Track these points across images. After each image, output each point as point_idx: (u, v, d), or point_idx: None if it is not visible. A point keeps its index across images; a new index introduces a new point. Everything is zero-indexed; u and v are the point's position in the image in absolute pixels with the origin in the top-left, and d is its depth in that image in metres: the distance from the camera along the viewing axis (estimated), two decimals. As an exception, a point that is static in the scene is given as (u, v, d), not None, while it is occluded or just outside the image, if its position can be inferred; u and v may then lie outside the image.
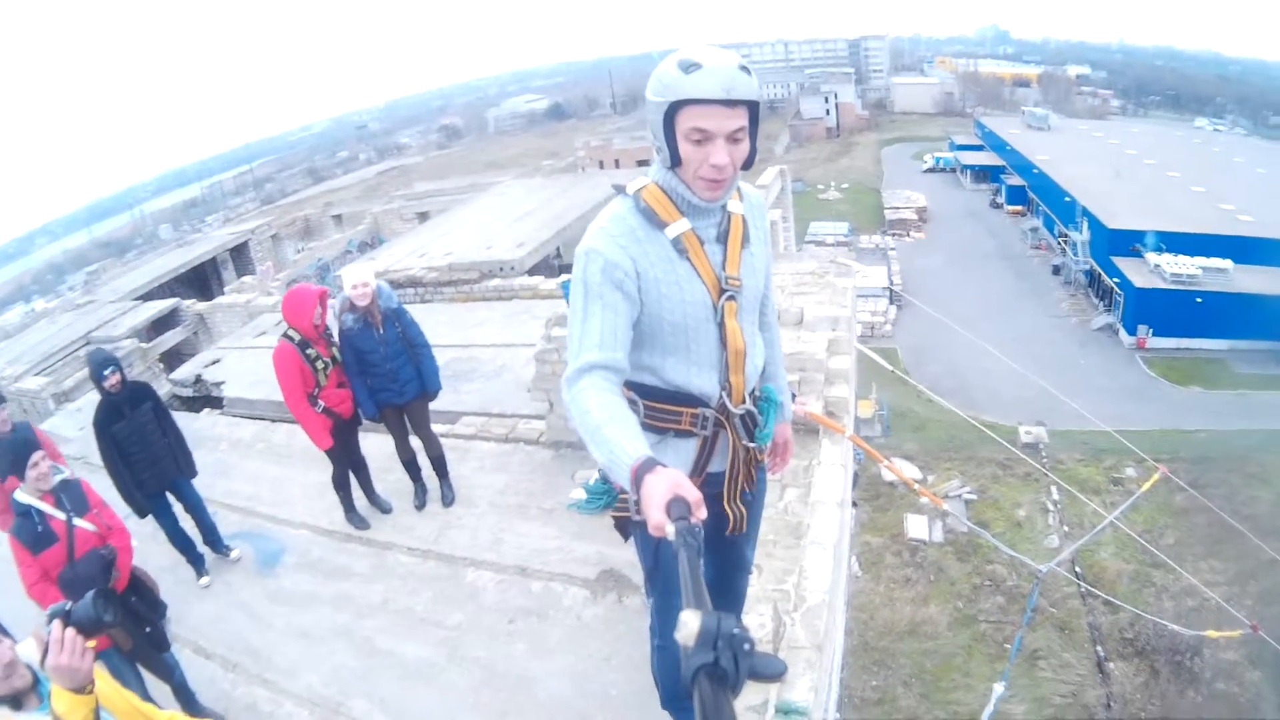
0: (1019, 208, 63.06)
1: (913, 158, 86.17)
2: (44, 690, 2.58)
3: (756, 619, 3.90)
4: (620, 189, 2.59)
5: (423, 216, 30.97)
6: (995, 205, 66.89)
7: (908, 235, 61.42)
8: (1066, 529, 25.71)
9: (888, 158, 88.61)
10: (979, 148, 78.65)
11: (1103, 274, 44.40)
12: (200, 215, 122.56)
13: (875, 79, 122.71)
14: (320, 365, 6.16)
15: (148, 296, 22.44)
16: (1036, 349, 38.81)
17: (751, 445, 2.79)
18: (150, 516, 6.40)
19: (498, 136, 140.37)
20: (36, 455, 4.61)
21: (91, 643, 2.47)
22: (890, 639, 22.90)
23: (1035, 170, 59.20)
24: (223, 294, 21.75)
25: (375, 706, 4.87)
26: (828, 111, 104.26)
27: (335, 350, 6.27)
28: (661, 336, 2.56)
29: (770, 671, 3.40)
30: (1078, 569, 24.24)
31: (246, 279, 24.57)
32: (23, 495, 4.61)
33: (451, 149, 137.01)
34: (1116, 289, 42.37)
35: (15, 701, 2.55)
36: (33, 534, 4.54)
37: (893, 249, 57.37)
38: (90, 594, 2.49)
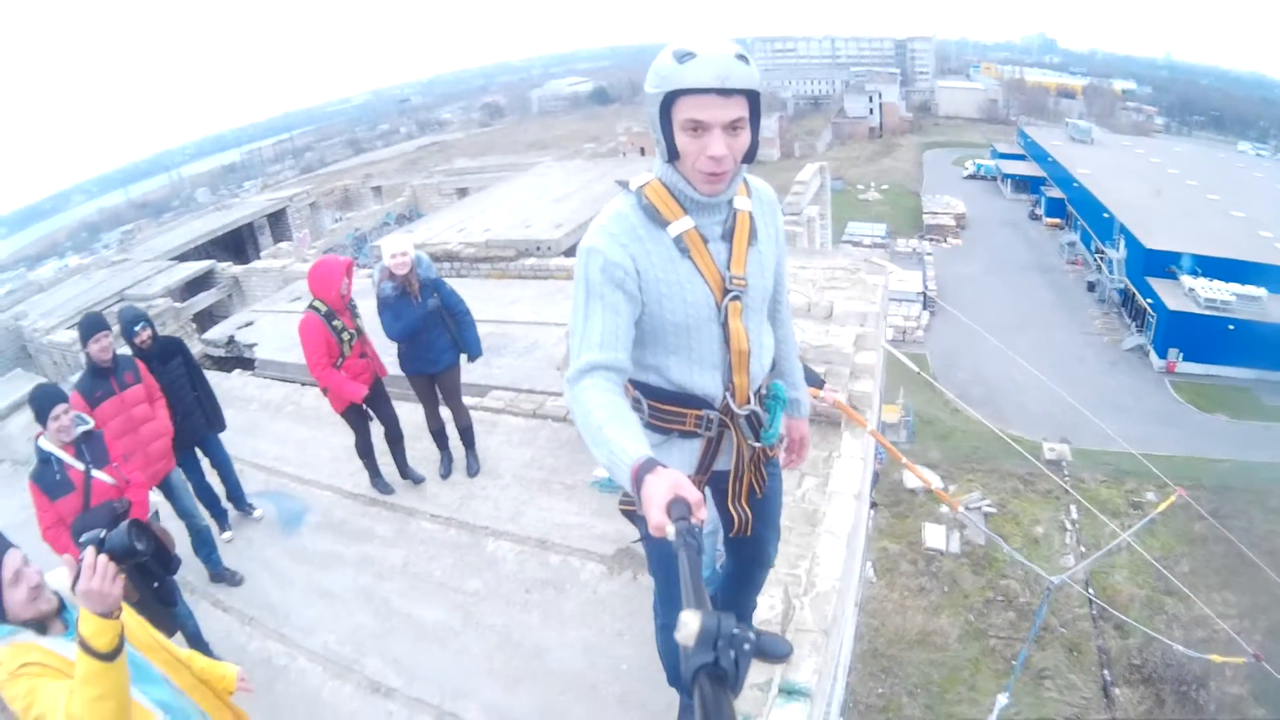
0: (1057, 220, 62.27)
1: (954, 163, 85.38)
2: (69, 618, 2.63)
3: (767, 600, 3.92)
4: (624, 185, 2.56)
5: (462, 192, 31.06)
6: (1034, 216, 66.16)
7: (945, 241, 60.86)
8: (1083, 549, 25.53)
9: (929, 161, 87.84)
10: (1020, 157, 77.71)
11: (1137, 294, 43.84)
12: (238, 180, 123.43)
13: (920, 80, 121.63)
14: (345, 336, 6.18)
15: (183, 258, 22.62)
16: (1066, 365, 38.52)
17: (757, 445, 2.77)
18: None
19: (540, 117, 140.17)
20: (59, 408, 4.74)
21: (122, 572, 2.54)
22: (899, 647, 22.85)
23: (1075, 184, 58.33)
24: (258, 259, 21.94)
25: (389, 665, 4.96)
26: (871, 111, 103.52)
27: (360, 321, 6.29)
28: (664, 336, 2.54)
29: (777, 652, 3.47)
30: (1090, 590, 24.13)
31: (283, 245, 24.68)
32: (45, 443, 4.74)
33: (493, 127, 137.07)
34: (1149, 310, 41.84)
35: (40, 626, 2.59)
36: (50, 481, 4.70)
37: (929, 254, 56.89)
38: (125, 523, 2.52)
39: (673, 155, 2.35)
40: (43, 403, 4.75)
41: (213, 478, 6.71)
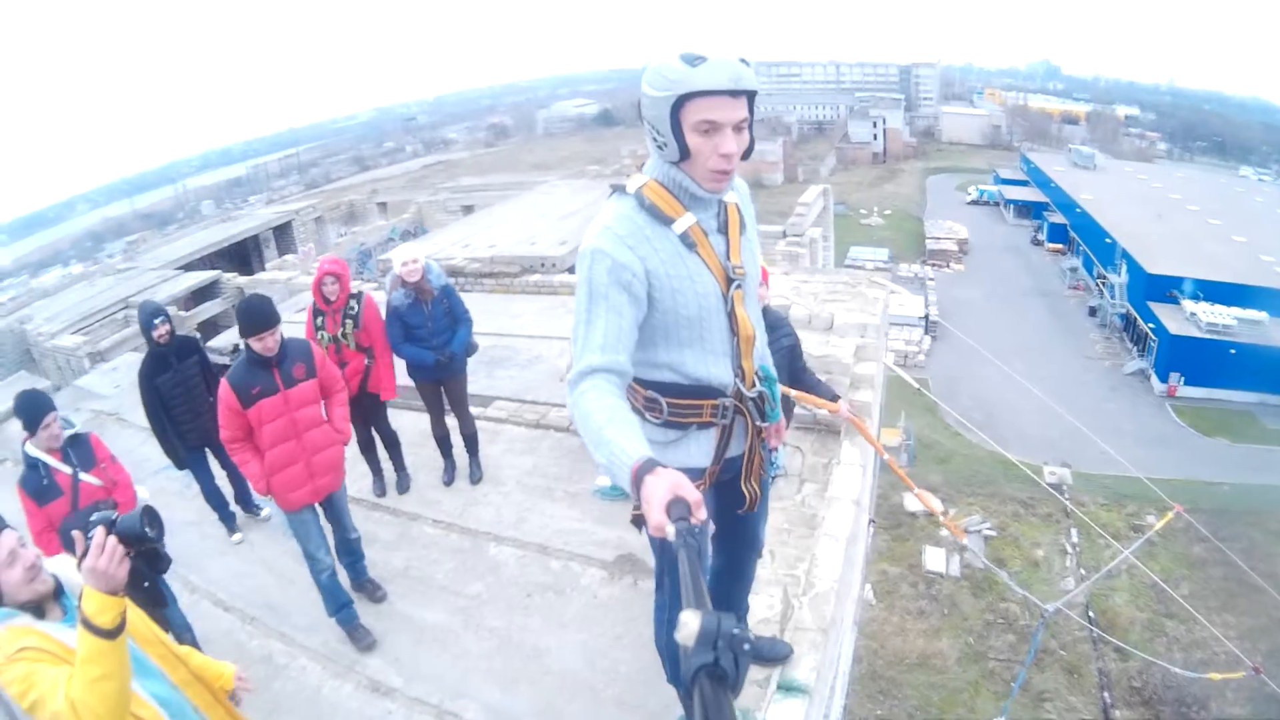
0: (1059, 246, 62.38)
1: (957, 188, 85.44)
2: (68, 604, 2.64)
3: (766, 600, 3.98)
4: (619, 188, 2.63)
5: (467, 209, 31.13)
6: (1036, 242, 66.23)
7: (947, 266, 60.92)
8: (1084, 572, 25.48)
9: (932, 187, 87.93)
10: (1023, 183, 77.82)
11: (1138, 318, 43.95)
12: (244, 194, 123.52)
13: (924, 106, 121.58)
14: (321, 337, 6.26)
15: (188, 267, 22.72)
16: (1067, 390, 38.48)
17: (764, 425, 2.86)
18: (187, 471, 6.60)
19: (545, 138, 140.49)
20: (49, 416, 4.73)
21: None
22: (899, 669, 22.79)
23: (1078, 209, 58.49)
24: (263, 270, 22.03)
25: (389, 665, 5.00)
26: (875, 136, 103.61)
27: (340, 331, 6.33)
28: (678, 332, 2.58)
29: (775, 654, 3.53)
30: (1091, 613, 24.08)
31: (288, 258, 24.76)
32: (32, 449, 4.73)
33: (498, 147, 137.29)
34: (1151, 334, 41.93)
35: (38, 610, 2.58)
36: (37, 486, 4.67)
37: (931, 279, 56.95)
38: (140, 507, 2.54)
39: (684, 155, 2.39)
40: (32, 411, 4.74)
41: (222, 479, 6.79)
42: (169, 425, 6.43)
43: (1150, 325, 42.03)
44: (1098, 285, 51.40)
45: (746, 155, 2.44)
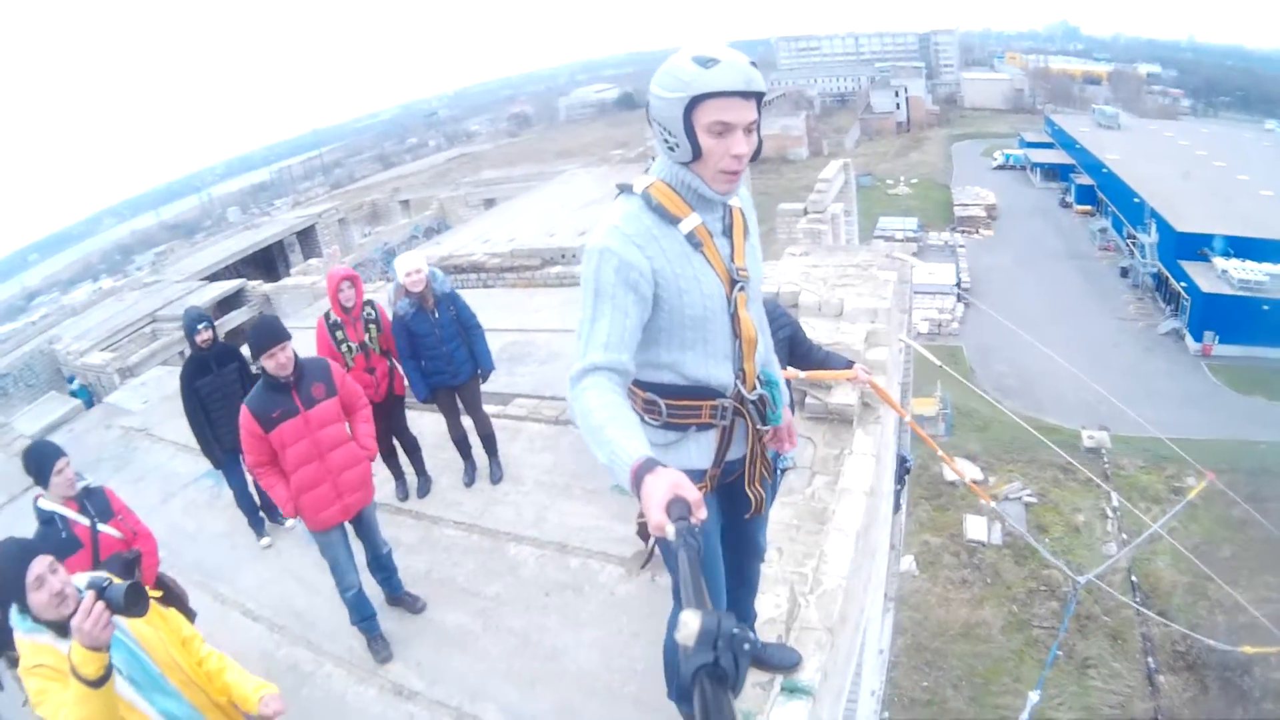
0: (1088, 207, 61.62)
1: (982, 154, 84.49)
2: None
3: (773, 599, 3.95)
4: (626, 188, 2.62)
5: (489, 203, 31.22)
6: (1064, 204, 65.53)
7: (976, 233, 60.51)
8: (1124, 536, 25.27)
9: (957, 154, 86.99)
10: (1049, 145, 76.88)
11: (1170, 277, 43.42)
12: (269, 199, 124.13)
13: (945, 73, 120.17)
14: (346, 349, 6.38)
15: (214, 277, 22.94)
16: (1101, 352, 38.17)
17: (765, 429, 2.86)
18: (214, 484, 6.73)
19: (568, 125, 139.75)
20: (61, 461, 4.50)
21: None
22: (943, 640, 22.77)
23: (1104, 169, 57.74)
24: (289, 276, 22.17)
25: (411, 669, 5.08)
26: (898, 105, 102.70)
27: (367, 337, 6.47)
28: (681, 332, 2.59)
29: (784, 663, 3.55)
30: (1134, 578, 23.89)
31: (313, 261, 24.88)
32: (46, 503, 4.49)
33: (521, 137, 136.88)
34: (1183, 293, 41.42)
35: (62, 629, 2.78)
36: (56, 540, 4.34)
37: (961, 246, 56.65)
38: (128, 584, 2.68)
39: (696, 156, 2.41)
40: (41, 461, 4.49)
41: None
42: (207, 428, 6.60)
43: (1182, 284, 41.52)
44: (1128, 245, 50.82)
45: (755, 156, 2.47)
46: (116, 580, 2.71)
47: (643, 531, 2.82)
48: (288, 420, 4.71)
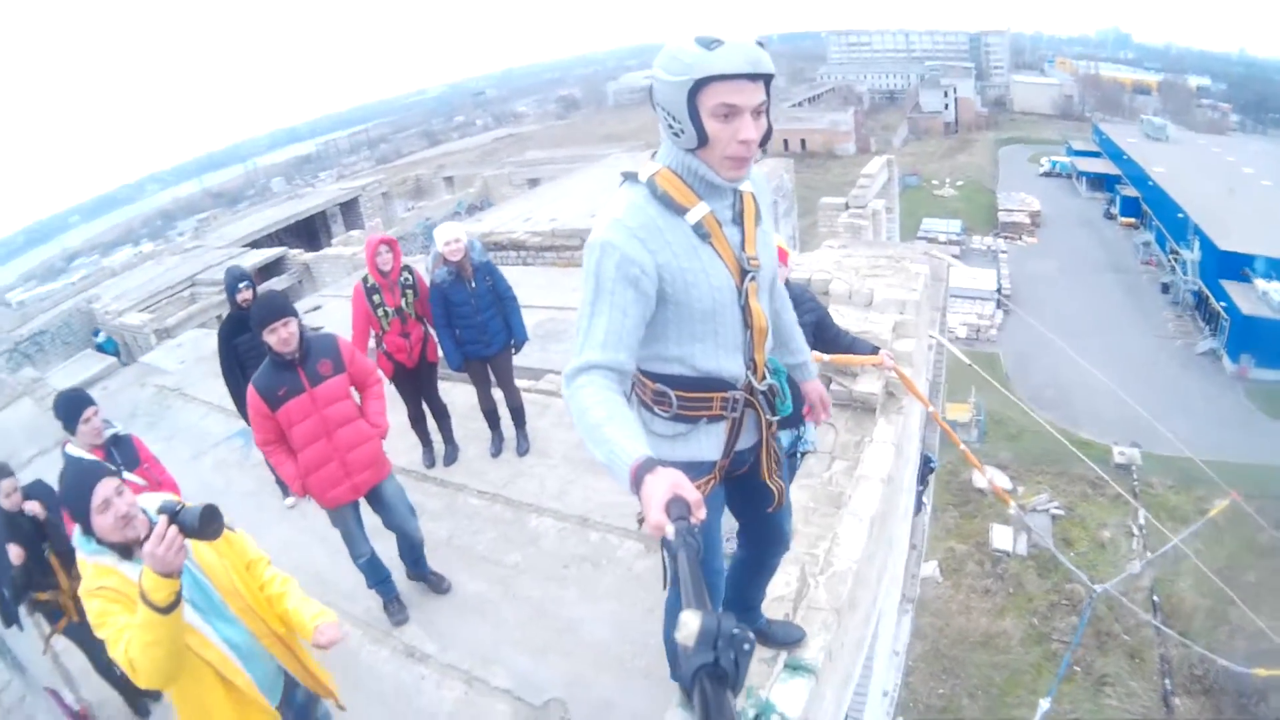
0: (1132, 220, 60.62)
1: (1029, 160, 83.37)
2: None
3: (783, 578, 3.92)
4: (630, 176, 2.52)
5: (533, 183, 31.20)
6: (1109, 215, 64.53)
7: (1020, 239, 59.97)
8: (1149, 554, 25.01)
9: (1004, 158, 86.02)
10: (1096, 154, 75.46)
11: (1210, 296, 42.66)
12: (313, 171, 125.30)
13: (995, 75, 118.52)
14: (382, 313, 6.46)
15: (256, 245, 23.12)
16: (1138, 368, 37.69)
17: (774, 419, 2.81)
18: (243, 444, 6.80)
19: (616, 110, 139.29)
20: (89, 410, 4.64)
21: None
22: (962, 648, 22.72)
23: (1150, 182, 56.62)
24: (329, 246, 22.32)
25: (426, 632, 5.14)
26: (946, 106, 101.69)
27: (404, 302, 6.53)
28: (690, 325, 2.51)
29: (788, 639, 3.55)
30: (1155, 598, 23.68)
31: (354, 233, 24.97)
32: (73, 449, 4.60)
33: (569, 119, 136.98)
34: (1223, 313, 40.69)
35: (126, 551, 2.83)
36: None
37: (1004, 252, 56.20)
38: (202, 507, 2.69)
39: (702, 141, 2.31)
40: (70, 408, 4.64)
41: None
42: (243, 383, 6.68)
43: (1222, 304, 40.78)
44: (1170, 261, 49.96)
45: (765, 141, 2.37)
46: (188, 505, 2.73)
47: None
48: (293, 398, 4.62)
